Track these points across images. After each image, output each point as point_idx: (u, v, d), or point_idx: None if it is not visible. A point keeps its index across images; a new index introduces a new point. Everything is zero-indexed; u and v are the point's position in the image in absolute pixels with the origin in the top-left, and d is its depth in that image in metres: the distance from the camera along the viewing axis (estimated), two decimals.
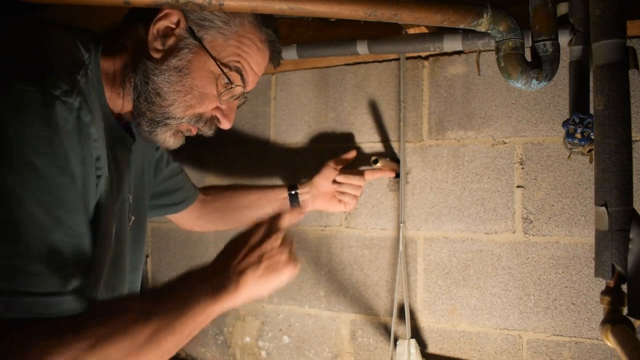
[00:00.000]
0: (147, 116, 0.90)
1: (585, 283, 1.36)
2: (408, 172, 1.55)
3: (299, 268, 0.92)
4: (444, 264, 1.50)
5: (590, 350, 1.35)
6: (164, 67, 0.86)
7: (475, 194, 1.48)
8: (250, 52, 0.91)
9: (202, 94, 0.90)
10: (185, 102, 0.89)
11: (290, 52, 1.46)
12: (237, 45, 0.89)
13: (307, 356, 1.66)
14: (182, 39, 0.86)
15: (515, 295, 1.42)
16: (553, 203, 1.40)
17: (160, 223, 1.89)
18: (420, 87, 1.56)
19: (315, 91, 1.69)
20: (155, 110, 0.89)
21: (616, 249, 0.83)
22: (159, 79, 0.87)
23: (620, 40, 0.86)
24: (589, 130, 1.05)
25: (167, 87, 0.87)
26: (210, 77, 0.89)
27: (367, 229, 1.60)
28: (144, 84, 0.87)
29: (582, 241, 1.37)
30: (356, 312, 1.61)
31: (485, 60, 1.47)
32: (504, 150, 1.46)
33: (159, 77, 0.87)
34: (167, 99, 0.88)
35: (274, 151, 1.73)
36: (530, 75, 1.05)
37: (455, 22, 0.97)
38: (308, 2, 0.84)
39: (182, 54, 0.86)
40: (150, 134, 0.92)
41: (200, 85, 0.89)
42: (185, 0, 0.79)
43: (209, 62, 0.87)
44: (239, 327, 1.76)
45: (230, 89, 0.91)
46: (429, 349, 1.51)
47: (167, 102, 0.88)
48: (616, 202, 0.84)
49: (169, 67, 0.86)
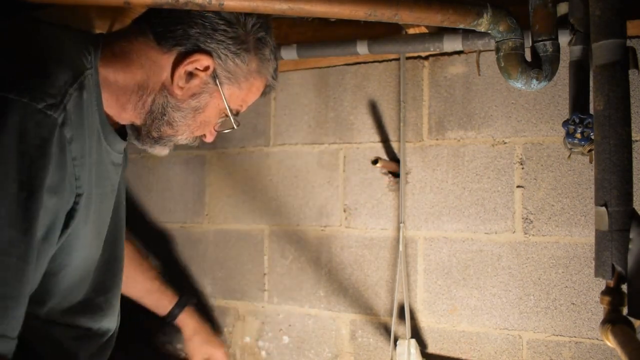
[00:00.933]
0: (153, 137, 0.95)
1: (585, 283, 1.36)
2: (408, 172, 1.55)
3: None
4: (444, 264, 1.50)
5: (590, 350, 1.35)
6: (184, 106, 0.92)
7: (475, 194, 1.48)
8: (252, 98, 0.99)
9: (206, 124, 0.97)
10: (191, 131, 0.96)
11: (290, 52, 1.46)
12: (246, 94, 0.97)
13: (307, 356, 1.66)
14: (205, 83, 0.91)
15: (515, 295, 1.42)
16: (553, 203, 1.40)
17: (161, 223, 1.89)
18: (420, 87, 1.56)
19: (315, 91, 1.69)
20: (162, 135, 0.95)
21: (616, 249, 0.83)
22: (176, 115, 0.92)
23: (620, 40, 0.86)
24: (589, 130, 1.05)
25: (182, 121, 0.93)
26: (217, 114, 0.96)
27: (367, 229, 1.60)
28: (160, 114, 0.92)
29: (582, 241, 1.37)
30: (356, 312, 1.61)
31: (485, 60, 1.47)
32: (504, 150, 1.46)
33: (177, 113, 0.92)
34: (178, 130, 0.94)
35: (274, 151, 1.74)
36: (530, 75, 1.05)
37: (455, 22, 0.97)
38: (308, 2, 0.84)
39: (202, 97, 0.92)
40: (150, 147, 0.97)
41: (207, 120, 0.96)
42: (185, 1, 0.79)
43: (221, 105, 0.94)
44: (239, 327, 1.77)
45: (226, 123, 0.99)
46: (429, 349, 1.51)
47: (177, 132, 0.95)
48: (616, 202, 0.83)
49: (188, 107, 0.92)
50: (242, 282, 1.76)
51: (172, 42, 0.88)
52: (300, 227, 1.68)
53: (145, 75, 0.89)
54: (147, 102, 0.90)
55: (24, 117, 0.67)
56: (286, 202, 1.71)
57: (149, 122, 0.92)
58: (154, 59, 0.89)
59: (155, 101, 0.90)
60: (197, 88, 0.91)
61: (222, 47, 0.88)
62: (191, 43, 0.87)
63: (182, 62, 0.88)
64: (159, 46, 0.88)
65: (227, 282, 1.78)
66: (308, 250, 1.67)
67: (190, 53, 0.87)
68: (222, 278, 1.79)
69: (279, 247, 1.71)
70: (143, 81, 0.90)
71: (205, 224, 1.82)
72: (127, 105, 0.91)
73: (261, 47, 0.93)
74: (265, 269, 1.73)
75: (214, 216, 1.81)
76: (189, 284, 1.83)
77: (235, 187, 1.78)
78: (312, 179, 1.68)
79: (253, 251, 1.75)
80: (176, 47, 0.88)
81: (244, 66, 0.92)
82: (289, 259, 1.70)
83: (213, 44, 0.88)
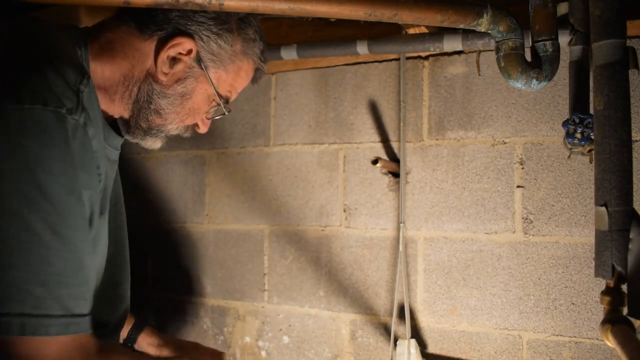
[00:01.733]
0: (142, 127, 0.93)
1: (585, 283, 1.36)
2: (408, 172, 1.55)
3: None
4: (444, 264, 1.50)
5: (590, 350, 1.35)
6: (170, 92, 0.90)
7: (475, 194, 1.48)
8: (241, 83, 0.97)
9: (195, 111, 0.95)
10: (181, 119, 0.94)
11: (290, 52, 1.46)
12: (234, 78, 0.95)
13: (307, 356, 1.66)
14: (190, 67, 0.90)
15: (515, 295, 1.42)
16: (553, 203, 1.40)
17: (161, 223, 1.89)
18: (420, 87, 1.56)
19: (315, 91, 1.69)
20: (151, 124, 0.93)
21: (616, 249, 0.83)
22: (163, 102, 0.91)
23: (620, 40, 0.86)
24: (589, 130, 1.05)
25: (169, 109, 0.91)
26: (205, 100, 0.94)
27: (367, 229, 1.60)
28: (146, 102, 0.90)
29: (582, 241, 1.37)
30: (356, 312, 1.61)
31: (485, 60, 1.47)
32: (504, 150, 1.46)
33: (163, 100, 0.90)
34: (167, 118, 0.93)
35: (274, 151, 1.74)
36: (530, 75, 1.05)
37: (455, 22, 0.97)
38: (308, 2, 0.84)
39: (187, 82, 0.90)
40: (141, 140, 0.96)
41: (196, 107, 0.94)
42: (185, 0, 0.79)
43: (209, 89, 0.92)
44: (239, 327, 1.77)
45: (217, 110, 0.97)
46: (429, 349, 1.51)
47: (166, 120, 0.93)
48: (616, 202, 0.84)
49: (174, 93, 0.90)
50: (242, 282, 1.76)
51: (153, 27, 0.87)
52: (300, 227, 1.68)
53: (130, 65, 0.89)
54: (133, 92, 0.90)
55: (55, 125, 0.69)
56: (286, 202, 1.71)
57: (136, 112, 0.91)
58: (137, 47, 0.88)
59: (141, 90, 0.89)
60: (182, 73, 0.89)
61: (203, 28, 0.87)
62: (172, 27, 0.86)
63: (164, 46, 0.87)
64: (141, 34, 0.88)
65: (227, 282, 1.78)
66: (308, 250, 1.67)
67: (171, 37, 0.86)
68: (222, 278, 1.79)
69: (279, 247, 1.71)
70: (128, 71, 0.89)
71: (205, 224, 1.82)
72: (115, 97, 0.90)
73: (244, 27, 0.92)
74: (265, 269, 1.73)
75: (214, 216, 1.81)
76: (189, 284, 1.83)
77: (235, 187, 1.78)
78: (312, 179, 1.68)
79: (253, 251, 1.75)
80: (157, 32, 0.87)
81: (228, 47, 0.90)
82: (289, 259, 1.70)
83: (194, 25, 0.87)
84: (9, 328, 0.66)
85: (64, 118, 0.70)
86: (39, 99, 0.69)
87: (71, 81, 0.74)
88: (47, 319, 0.68)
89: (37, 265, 0.67)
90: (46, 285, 0.68)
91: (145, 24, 0.87)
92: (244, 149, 1.78)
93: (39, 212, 0.67)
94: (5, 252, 0.66)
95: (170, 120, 0.93)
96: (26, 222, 0.66)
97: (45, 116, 0.68)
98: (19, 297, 0.66)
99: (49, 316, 0.68)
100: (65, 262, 0.70)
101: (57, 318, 0.68)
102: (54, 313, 0.68)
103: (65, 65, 0.76)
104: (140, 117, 0.92)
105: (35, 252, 0.67)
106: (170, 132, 0.96)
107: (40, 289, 0.67)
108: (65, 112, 0.70)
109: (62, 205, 0.70)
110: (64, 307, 0.69)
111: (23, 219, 0.66)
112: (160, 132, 0.95)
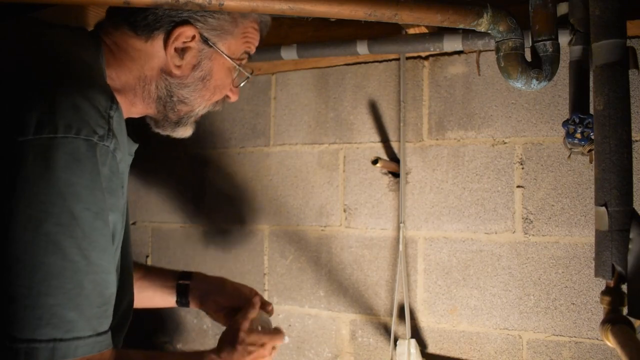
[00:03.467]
0: (172, 120, 0.96)
1: (585, 283, 1.36)
2: (408, 172, 1.55)
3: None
4: (444, 264, 1.50)
5: (590, 350, 1.35)
6: (189, 81, 0.92)
7: (475, 194, 1.48)
8: (254, 38, 0.97)
9: (221, 86, 0.97)
10: (208, 99, 0.97)
11: (290, 52, 1.46)
12: (244, 39, 0.95)
13: (307, 356, 1.66)
14: (199, 50, 0.91)
15: (515, 295, 1.42)
16: (553, 203, 1.40)
17: (161, 223, 1.89)
18: (420, 87, 1.56)
19: (315, 91, 1.69)
20: (180, 114, 0.95)
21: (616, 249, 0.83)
22: (184, 92, 0.92)
23: (620, 40, 0.86)
24: (589, 130, 1.05)
25: (193, 95, 0.93)
26: (227, 73, 0.96)
27: (367, 229, 1.60)
28: (168, 97, 0.92)
29: (582, 241, 1.37)
30: (356, 312, 1.61)
31: (485, 60, 1.47)
32: (504, 150, 1.46)
33: (184, 90, 0.92)
34: (194, 104, 0.95)
35: (274, 151, 1.74)
36: (530, 75, 1.05)
37: (455, 22, 0.97)
38: (308, 2, 0.84)
39: (202, 65, 0.92)
40: (172, 131, 0.99)
41: (220, 83, 0.96)
42: (185, 0, 0.79)
43: (226, 62, 0.93)
44: None
45: (241, 75, 0.99)
46: (429, 349, 1.51)
47: (194, 106, 0.95)
48: (616, 202, 0.84)
49: (194, 80, 0.92)
50: (242, 282, 1.76)
51: (149, 28, 0.88)
52: (300, 227, 1.68)
53: (139, 67, 0.90)
54: (152, 91, 0.91)
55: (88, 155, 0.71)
56: (286, 202, 1.71)
57: (161, 108, 0.94)
58: (139, 48, 0.89)
59: (158, 87, 0.91)
60: (194, 59, 0.91)
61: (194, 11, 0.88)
62: (166, 22, 0.87)
63: (168, 42, 0.88)
64: (138, 36, 0.88)
65: None
66: (308, 250, 1.67)
67: (170, 31, 0.87)
68: None
69: (279, 247, 1.71)
70: (140, 73, 0.90)
71: (206, 224, 1.82)
72: (135, 99, 0.92)
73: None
74: (265, 269, 1.73)
75: (214, 216, 1.81)
76: None
77: (235, 187, 1.78)
78: (312, 179, 1.68)
79: (253, 251, 1.75)
80: (154, 31, 0.88)
81: (226, 15, 0.91)
82: (288, 259, 1.70)
83: (185, 12, 0.87)
84: (39, 355, 0.67)
85: (95, 146, 0.72)
86: (73, 128, 0.70)
87: (102, 108, 0.75)
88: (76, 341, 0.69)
89: (73, 290, 0.69)
90: (79, 308, 0.70)
91: (139, 27, 0.88)
92: (244, 149, 1.78)
93: (73, 238, 0.69)
94: (41, 279, 0.67)
95: (197, 105, 0.95)
96: (61, 249, 0.68)
97: (78, 145, 0.70)
98: (52, 323, 0.67)
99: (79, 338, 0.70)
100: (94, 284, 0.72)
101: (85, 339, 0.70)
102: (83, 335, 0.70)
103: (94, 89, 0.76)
104: (167, 111, 0.94)
105: (70, 277, 0.69)
106: (200, 114, 0.98)
107: (73, 313, 0.69)
108: (97, 140, 0.72)
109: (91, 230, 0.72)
110: (92, 328, 0.71)
111: (58, 246, 0.68)
112: (190, 119, 0.97)
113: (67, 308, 0.68)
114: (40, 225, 0.67)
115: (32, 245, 0.67)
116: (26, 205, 0.67)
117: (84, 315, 0.70)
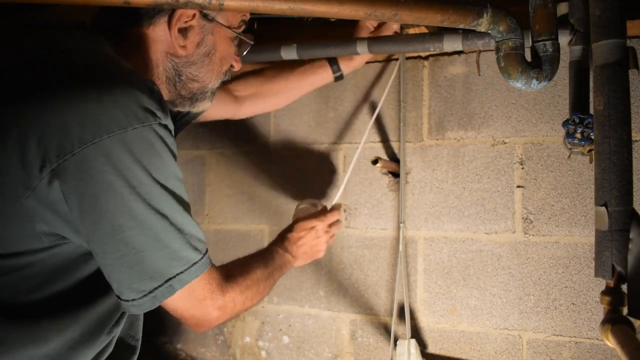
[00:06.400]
0: (185, 97, 1.00)
1: (585, 283, 1.36)
2: (408, 172, 1.55)
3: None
4: (444, 264, 1.50)
5: (590, 350, 1.35)
6: (195, 58, 0.95)
7: (475, 194, 1.48)
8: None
9: (226, 57, 1.00)
10: (217, 72, 1.00)
11: (290, 52, 1.46)
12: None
13: (307, 356, 1.66)
14: (201, 27, 0.94)
15: (515, 295, 1.42)
16: (553, 203, 1.40)
17: None
18: (420, 87, 1.56)
19: (315, 91, 1.68)
20: (192, 91, 0.99)
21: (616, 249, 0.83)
22: (192, 69, 0.96)
23: (620, 40, 0.86)
24: (589, 130, 1.05)
25: (201, 71, 0.97)
26: (229, 43, 0.99)
27: (367, 229, 1.60)
28: (177, 77, 0.96)
29: (582, 241, 1.37)
30: (356, 312, 1.61)
31: (485, 60, 1.47)
32: (504, 150, 1.46)
33: (191, 68, 0.96)
34: (204, 79, 0.98)
35: (274, 151, 1.74)
36: (530, 75, 1.05)
37: (455, 22, 0.97)
38: (308, 2, 0.84)
39: (206, 40, 0.95)
40: (191, 107, 1.03)
41: (225, 54, 0.99)
42: (185, 0, 0.79)
43: (227, 33, 0.97)
44: (239, 327, 1.77)
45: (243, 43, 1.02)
46: (429, 349, 1.51)
47: (204, 81, 0.99)
48: (616, 202, 0.83)
49: (199, 56, 0.95)
50: None
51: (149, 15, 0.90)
52: None
53: (144, 53, 0.92)
54: (160, 74, 0.95)
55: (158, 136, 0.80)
56: (286, 202, 1.71)
57: (172, 89, 0.97)
58: (141, 35, 0.91)
59: (166, 69, 0.95)
60: (197, 36, 0.94)
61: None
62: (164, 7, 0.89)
63: (171, 24, 0.90)
64: (139, 24, 0.90)
65: None
66: None
67: (172, 13, 0.90)
68: None
69: None
70: (146, 59, 0.93)
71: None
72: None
73: None
74: None
75: (214, 216, 1.81)
76: None
77: (235, 187, 1.78)
78: (312, 179, 1.68)
79: (253, 251, 1.75)
80: (155, 17, 0.90)
81: None
82: None
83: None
84: (173, 288, 0.83)
85: (158, 128, 0.80)
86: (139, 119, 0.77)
87: (154, 93, 0.81)
88: (194, 267, 0.84)
89: (180, 231, 0.83)
90: (186, 243, 0.83)
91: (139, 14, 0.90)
92: (244, 149, 1.78)
93: (175, 203, 0.82)
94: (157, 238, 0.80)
95: (208, 79, 0.99)
96: (160, 212, 0.80)
97: (146, 132, 0.78)
98: (175, 260, 0.82)
99: (195, 263, 0.84)
100: (189, 220, 0.85)
101: (197, 264, 0.84)
102: (196, 259, 0.84)
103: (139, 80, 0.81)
104: (179, 90, 0.98)
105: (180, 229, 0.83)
106: (214, 87, 1.02)
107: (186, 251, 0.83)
108: (158, 124, 0.80)
109: (179, 191, 0.84)
110: (198, 251, 0.85)
111: (156, 211, 0.80)
112: (204, 93, 1.01)
113: (183, 248, 0.83)
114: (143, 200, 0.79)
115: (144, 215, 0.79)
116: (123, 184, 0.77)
117: (191, 245, 0.84)
